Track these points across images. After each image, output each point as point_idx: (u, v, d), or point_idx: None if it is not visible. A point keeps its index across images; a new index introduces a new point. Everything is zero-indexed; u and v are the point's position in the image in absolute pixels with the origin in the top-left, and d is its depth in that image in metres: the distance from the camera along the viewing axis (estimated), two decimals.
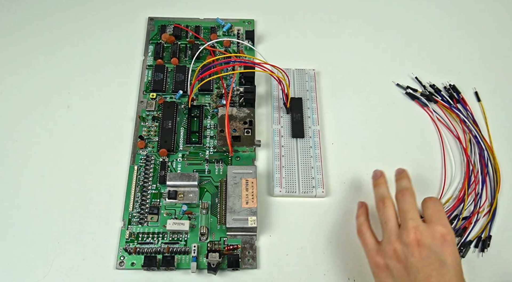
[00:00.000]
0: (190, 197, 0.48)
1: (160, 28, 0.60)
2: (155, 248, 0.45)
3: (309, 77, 0.56)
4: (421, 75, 0.58)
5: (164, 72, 0.56)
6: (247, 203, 0.46)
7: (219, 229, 0.47)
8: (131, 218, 0.47)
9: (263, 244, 0.47)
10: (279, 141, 0.52)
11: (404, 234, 0.38)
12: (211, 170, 0.50)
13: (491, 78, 0.59)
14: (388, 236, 0.39)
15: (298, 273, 0.46)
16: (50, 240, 0.46)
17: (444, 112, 0.56)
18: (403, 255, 0.37)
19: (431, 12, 0.64)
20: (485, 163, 0.51)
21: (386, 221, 0.40)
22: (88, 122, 0.53)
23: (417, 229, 0.38)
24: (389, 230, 0.40)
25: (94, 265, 0.45)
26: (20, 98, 0.54)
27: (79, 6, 0.62)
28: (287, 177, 0.50)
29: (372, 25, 0.63)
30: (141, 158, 0.51)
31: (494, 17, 0.64)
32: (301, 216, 0.48)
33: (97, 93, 0.55)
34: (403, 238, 0.38)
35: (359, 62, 0.59)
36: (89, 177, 0.50)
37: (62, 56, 0.58)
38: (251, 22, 0.61)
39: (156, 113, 0.53)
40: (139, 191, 0.49)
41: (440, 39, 0.62)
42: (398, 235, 0.39)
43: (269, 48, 0.59)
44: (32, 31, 0.60)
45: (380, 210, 0.42)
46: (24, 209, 0.48)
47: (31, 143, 0.52)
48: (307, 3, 0.64)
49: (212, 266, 0.43)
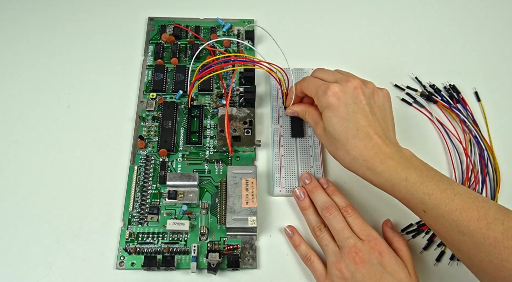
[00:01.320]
0: (190, 197, 0.48)
1: (160, 28, 0.60)
2: (155, 248, 0.45)
3: None
4: (421, 75, 0.58)
5: (164, 72, 0.56)
6: (247, 203, 0.46)
7: (219, 229, 0.47)
8: (131, 218, 0.47)
9: (263, 244, 0.47)
10: (279, 140, 0.52)
11: (346, 254, 0.42)
12: (211, 170, 0.50)
13: (491, 78, 0.59)
14: (331, 259, 0.43)
15: (298, 273, 0.46)
16: (50, 240, 0.46)
17: (444, 113, 0.56)
18: (349, 273, 0.41)
19: (431, 12, 0.64)
20: (485, 163, 0.51)
21: (326, 244, 0.44)
22: (88, 122, 0.53)
23: (355, 247, 0.42)
24: (331, 252, 0.43)
25: (94, 265, 0.45)
26: (20, 98, 0.55)
27: (79, 6, 0.62)
28: (287, 177, 0.50)
29: (372, 25, 0.63)
30: (141, 158, 0.51)
31: (494, 17, 0.64)
32: (301, 215, 0.48)
33: (97, 93, 0.55)
34: (345, 258, 0.42)
35: (359, 61, 0.59)
36: (89, 177, 0.50)
37: (62, 56, 0.58)
38: (251, 22, 0.61)
39: (156, 113, 0.53)
40: (139, 191, 0.49)
41: (440, 39, 0.62)
42: (340, 255, 0.43)
43: (269, 48, 0.59)
44: (32, 31, 0.60)
45: (318, 236, 0.46)
46: (24, 209, 0.48)
47: (31, 143, 0.52)
48: (307, 3, 0.64)
49: (212, 266, 0.43)
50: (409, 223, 0.48)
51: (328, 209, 0.45)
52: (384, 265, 0.41)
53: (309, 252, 0.45)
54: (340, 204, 0.46)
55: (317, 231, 0.45)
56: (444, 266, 0.47)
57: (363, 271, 0.41)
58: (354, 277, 0.41)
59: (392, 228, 0.47)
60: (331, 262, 0.43)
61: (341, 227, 0.44)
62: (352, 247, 0.42)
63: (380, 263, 0.41)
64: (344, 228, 0.44)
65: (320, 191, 0.47)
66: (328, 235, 0.45)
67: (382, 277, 0.41)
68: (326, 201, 0.46)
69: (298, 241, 0.46)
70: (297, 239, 0.46)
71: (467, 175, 0.51)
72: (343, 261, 0.42)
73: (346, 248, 0.42)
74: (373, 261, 0.41)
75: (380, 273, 0.41)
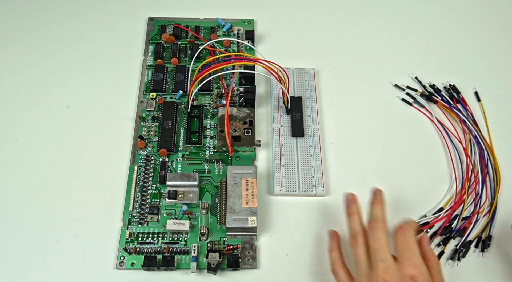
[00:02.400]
0: (190, 197, 0.48)
1: (160, 28, 0.60)
2: (155, 248, 0.45)
3: (309, 76, 0.56)
4: (421, 75, 0.58)
5: (164, 72, 0.56)
6: (247, 203, 0.46)
7: (219, 229, 0.47)
8: (131, 218, 0.47)
9: (263, 244, 0.47)
10: (279, 140, 0.52)
11: (374, 277, 0.39)
12: (211, 170, 0.50)
13: (491, 78, 0.59)
14: (360, 277, 0.40)
15: (298, 273, 0.46)
16: (50, 240, 0.46)
17: (444, 113, 0.56)
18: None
19: (431, 12, 0.64)
20: (485, 163, 0.51)
21: (357, 260, 0.41)
22: (88, 122, 0.53)
23: (386, 273, 0.38)
24: (361, 270, 0.40)
25: (94, 265, 0.45)
26: (20, 98, 0.54)
27: (79, 6, 0.62)
28: (287, 176, 0.50)
29: (372, 25, 0.63)
30: (141, 158, 0.51)
31: (494, 17, 0.64)
32: (301, 215, 0.48)
33: (97, 93, 0.55)
34: (373, 280, 0.39)
35: (358, 61, 0.59)
36: (89, 176, 0.50)
37: (62, 56, 0.58)
38: (251, 22, 0.61)
39: (156, 113, 0.53)
40: (139, 191, 0.49)
41: (440, 39, 0.62)
42: (368, 277, 0.39)
43: (269, 48, 0.59)
44: (32, 31, 0.60)
45: (352, 247, 0.43)
46: (24, 209, 0.48)
47: (31, 143, 0.52)
48: (307, 3, 0.64)
49: (212, 266, 0.43)
50: None
51: (375, 223, 0.42)
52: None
53: (337, 262, 0.43)
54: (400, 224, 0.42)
55: (352, 241, 0.43)
56: (444, 266, 0.46)
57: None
58: None
59: (428, 244, 0.43)
60: (359, 279, 0.40)
61: (379, 246, 0.41)
62: (382, 272, 0.39)
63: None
64: (381, 247, 0.40)
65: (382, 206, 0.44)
66: (363, 250, 0.42)
67: None
68: (379, 217, 0.43)
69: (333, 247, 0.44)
70: (332, 244, 0.45)
71: (467, 175, 0.51)
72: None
73: (377, 271, 0.39)
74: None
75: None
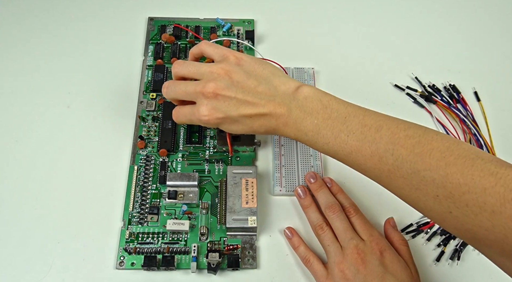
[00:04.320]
0: (190, 197, 0.48)
1: (160, 28, 0.60)
2: (155, 248, 0.45)
3: (308, 76, 0.56)
4: (421, 75, 0.58)
5: (164, 72, 0.56)
6: (247, 203, 0.46)
7: (219, 229, 0.47)
8: (131, 218, 0.47)
9: (263, 244, 0.47)
10: (279, 140, 0.52)
11: (348, 255, 0.42)
12: (211, 170, 0.50)
13: (491, 78, 0.59)
14: (333, 259, 0.43)
15: (298, 273, 0.46)
16: (50, 240, 0.46)
17: (444, 113, 0.56)
18: (350, 274, 0.41)
19: (431, 12, 0.64)
20: None
21: (328, 243, 0.44)
22: (88, 123, 0.53)
23: (358, 248, 0.42)
24: (333, 253, 0.43)
25: (94, 265, 0.45)
26: (20, 98, 0.54)
27: (79, 7, 0.62)
28: (287, 176, 0.50)
29: (372, 25, 0.63)
30: (141, 158, 0.51)
31: (494, 17, 0.64)
32: (301, 215, 0.48)
33: (97, 93, 0.55)
34: (347, 258, 0.42)
35: (358, 61, 0.59)
36: (89, 176, 0.50)
37: (62, 56, 0.58)
38: (251, 22, 0.61)
39: (156, 113, 0.53)
40: (139, 191, 0.49)
41: (440, 39, 0.62)
42: (343, 256, 0.43)
43: (269, 48, 0.59)
44: (32, 31, 0.60)
45: (320, 235, 0.45)
46: (24, 209, 0.48)
47: (31, 143, 0.52)
48: (307, 3, 0.64)
49: (212, 266, 0.43)
50: (409, 223, 0.48)
51: (332, 208, 0.45)
52: (386, 265, 0.42)
53: (308, 254, 0.45)
54: (343, 204, 0.46)
55: (319, 230, 0.45)
56: (444, 266, 0.47)
57: (365, 272, 0.41)
58: (356, 278, 0.41)
59: (394, 227, 0.47)
60: (333, 262, 0.43)
61: (345, 227, 0.44)
62: (355, 248, 0.42)
63: (382, 263, 0.42)
64: (347, 228, 0.44)
65: (325, 190, 0.47)
66: (331, 234, 0.45)
67: (384, 277, 0.41)
68: (331, 200, 0.46)
69: (297, 243, 0.46)
70: (296, 241, 0.46)
71: None
72: (345, 261, 0.42)
73: (349, 249, 0.42)
74: (375, 262, 0.42)
75: (382, 273, 0.41)
